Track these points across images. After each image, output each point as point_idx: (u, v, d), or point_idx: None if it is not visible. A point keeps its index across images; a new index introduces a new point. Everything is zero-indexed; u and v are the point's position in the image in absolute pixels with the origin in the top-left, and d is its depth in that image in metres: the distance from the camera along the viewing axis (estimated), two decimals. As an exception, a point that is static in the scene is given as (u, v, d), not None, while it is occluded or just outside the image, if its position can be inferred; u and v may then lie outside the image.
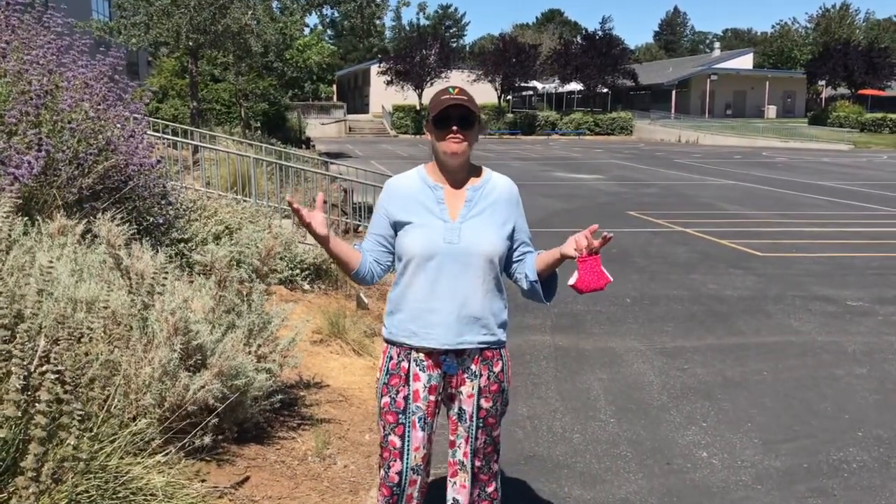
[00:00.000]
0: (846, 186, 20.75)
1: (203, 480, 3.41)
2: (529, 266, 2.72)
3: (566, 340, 6.53)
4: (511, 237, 2.73)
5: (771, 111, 64.77)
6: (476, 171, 2.76)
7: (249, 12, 17.02)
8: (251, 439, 3.91)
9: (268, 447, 3.90)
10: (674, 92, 62.82)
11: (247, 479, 3.59)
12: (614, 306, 7.68)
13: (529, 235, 2.83)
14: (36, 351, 2.37)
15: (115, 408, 2.59)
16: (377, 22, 20.20)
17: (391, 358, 2.72)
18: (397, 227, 2.69)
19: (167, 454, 3.28)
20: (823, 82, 61.79)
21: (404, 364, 2.69)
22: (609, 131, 55.99)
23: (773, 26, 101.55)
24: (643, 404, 5.12)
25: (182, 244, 6.54)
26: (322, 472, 3.84)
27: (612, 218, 14.29)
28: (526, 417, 4.86)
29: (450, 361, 2.67)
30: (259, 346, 4.00)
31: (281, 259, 6.98)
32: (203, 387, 3.50)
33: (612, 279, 2.58)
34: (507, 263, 2.77)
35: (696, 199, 17.66)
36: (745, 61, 70.23)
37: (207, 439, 3.50)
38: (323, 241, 2.59)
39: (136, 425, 2.90)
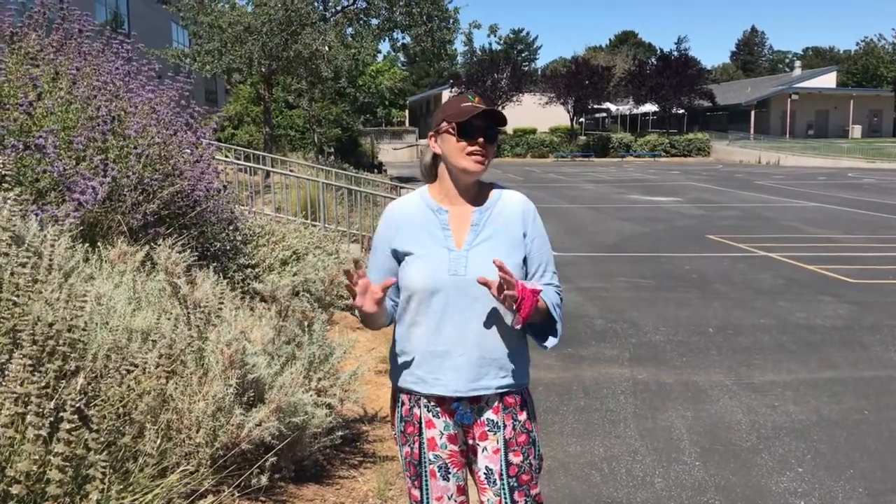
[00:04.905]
0: (942, 208, 19.63)
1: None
2: None
3: (645, 373, 6.16)
4: (526, 262, 2.35)
5: (856, 131, 62.44)
6: (485, 189, 2.41)
7: (321, 38, 17.18)
8: (310, 478, 3.70)
9: (327, 487, 3.68)
10: (753, 112, 61.16)
11: (304, 522, 3.37)
12: (696, 336, 7.26)
13: (549, 261, 2.41)
14: (75, 388, 2.20)
15: (156, 449, 2.40)
16: (448, 47, 20.18)
17: (403, 403, 2.40)
18: (399, 258, 2.35)
19: (220, 497, 3.10)
20: (913, 99, 59.29)
21: (416, 411, 2.37)
22: (685, 153, 54.83)
23: (857, 43, 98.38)
24: (731, 445, 4.73)
25: (249, 269, 6.44)
26: (384, 515, 3.59)
27: (691, 242, 13.76)
28: (603, 459, 4.52)
29: (463, 410, 2.32)
30: (319, 379, 3.80)
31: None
32: (259, 424, 3.30)
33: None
34: None
35: (779, 222, 16.93)
36: (827, 80, 67.99)
37: (264, 479, 3.31)
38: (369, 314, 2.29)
39: (185, 467, 2.72)
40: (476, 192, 2.39)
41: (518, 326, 2.24)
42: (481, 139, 2.25)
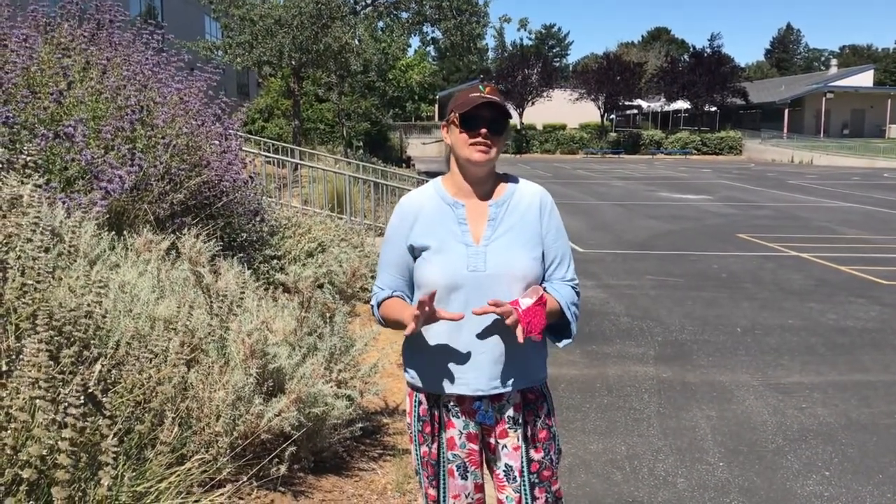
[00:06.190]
0: (980, 210, 19.20)
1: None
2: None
3: (671, 372, 6.09)
4: (544, 255, 2.31)
5: (893, 130, 61.27)
6: (501, 181, 2.36)
7: (351, 31, 17.21)
8: (329, 469, 3.70)
9: (345, 479, 3.68)
10: (786, 111, 60.30)
11: (321, 513, 3.37)
12: (724, 335, 7.16)
13: (566, 254, 2.36)
14: (92, 375, 2.21)
15: (174, 437, 2.41)
16: (478, 41, 20.11)
17: (420, 403, 2.36)
18: (415, 252, 2.30)
19: (238, 485, 3.11)
20: (953, 99, 58.02)
21: (435, 411, 2.33)
22: (717, 151, 54.21)
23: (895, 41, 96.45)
24: (756, 447, 4.66)
25: (274, 261, 6.46)
26: (402, 508, 3.58)
27: (721, 241, 13.60)
28: (625, 457, 4.48)
29: (484, 409, 2.29)
30: (340, 371, 3.80)
31: (373, 279, 6.84)
32: (279, 414, 3.31)
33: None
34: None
35: (812, 222, 16.68)
36: (864, 78, 66.79)
37: (283, 469, 3.31)
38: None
39: (203, 455, 2.73)
40: (491, 185, 2.33)
41: (537, 340, 2.20)
42: (484, 130, 2.18)
